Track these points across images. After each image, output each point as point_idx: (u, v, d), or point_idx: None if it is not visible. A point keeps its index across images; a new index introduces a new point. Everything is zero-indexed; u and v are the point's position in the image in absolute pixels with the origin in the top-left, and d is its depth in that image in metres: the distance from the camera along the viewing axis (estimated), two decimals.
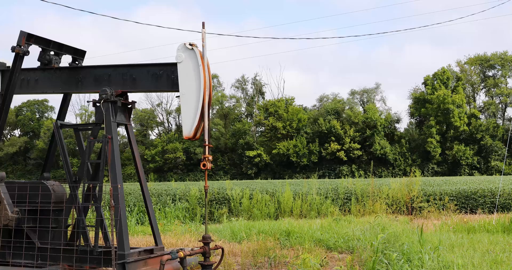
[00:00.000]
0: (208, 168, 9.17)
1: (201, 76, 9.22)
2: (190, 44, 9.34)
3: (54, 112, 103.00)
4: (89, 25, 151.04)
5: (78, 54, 11.20)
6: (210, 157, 9.21)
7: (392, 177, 62.57)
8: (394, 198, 22.85)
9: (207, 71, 9.37)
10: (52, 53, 10.77)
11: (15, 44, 10.07)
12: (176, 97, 9.62)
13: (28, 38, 10.12)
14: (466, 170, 74.37)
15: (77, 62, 11.14)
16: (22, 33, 10.11)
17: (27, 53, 10.21)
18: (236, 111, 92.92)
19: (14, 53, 10.22)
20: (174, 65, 9.57)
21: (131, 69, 10.01)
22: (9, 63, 11.30)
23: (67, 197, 10.31)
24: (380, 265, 9.03)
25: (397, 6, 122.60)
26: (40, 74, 10.79)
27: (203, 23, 9.45)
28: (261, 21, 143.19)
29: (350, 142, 78.49)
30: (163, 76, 9.76)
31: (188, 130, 9.25)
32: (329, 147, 78.36)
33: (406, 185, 23.28)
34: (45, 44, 10.60)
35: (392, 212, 22.00)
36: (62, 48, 10.91)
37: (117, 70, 10.10)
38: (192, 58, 9.33)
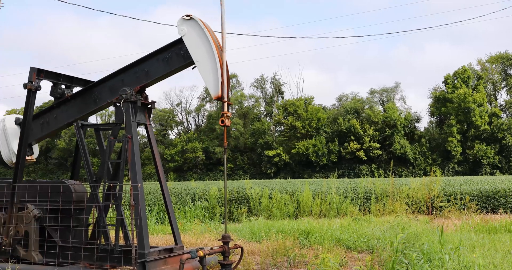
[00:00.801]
0: (227, 124, 9.32)
1: (209, 37, 9.30)
2: (187, 15, 9.44)
3: None
4: (107, 25, 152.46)
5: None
6: (229, 114, 9.35)
7: (412, 176, 62.14)
8: (414, 197, 22.69)
9: (212, 32, 9.46)
10: (63, 86, 10.90)
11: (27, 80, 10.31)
12: (192, 68, 9.68)
13: (38, 73, 10.29)
14: (488, 170, 73.70)
15: None
16: (32, 69, 10.30)
17: (39, 88, 10.36)
18: (255, 111, 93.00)
19: (26, 90, 10.40)
20: (179, 43, 9.64)
21: (141, 64, 10.04)
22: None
23: (88, 196, 10.40)
24: (400, 265, 8.98)
25: (411, 5, 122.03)
26: (57, 111, 10.87)
27: None
28: (277, 21, 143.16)
29: (369, 142, 78.22)
30: (172, 57, 9.81)
31: (215, 89, 9.29)
32: (348, 147, 78.16)
33: (427, 185, 23.10)
34: (55, 77, 10.74)
35: (412, 212, 21.85)
36: (72, 81, 11.04)
37: (128, 72, 10.14)
38: (193, 26, 9.42)
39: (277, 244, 12.48)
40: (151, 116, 10.78)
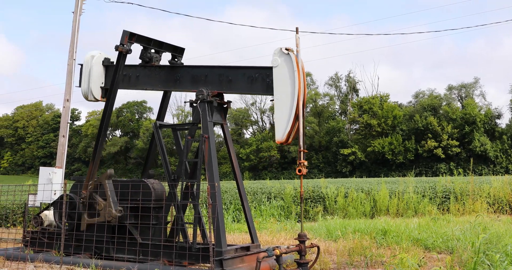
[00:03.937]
0: (304, 173, 9.22)
1: (296, 81, 9.22)
2: (286, 49, 9.37)
3: (153, 113, 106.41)
4: (178, 26, 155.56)
5: (177, 51, 11.57)
6: (306, 163, 9.25)
7: (493, 175, 60.13)
8: (495, 197, 21.97)
9: (302, 76, 9.35)
10: (152, 51, 11.21)
11: (118, 43, 10.62)
12: (270, 100, 9.71)
13: (130, 37, 10.62)
14: None
15: (176, 60, 11.49)
16: (124, 32, 10.59)
17: (129, 51, 10.70)
18: (330, 109, 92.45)
19: (117, 52, 10.75)
20: (269, 69, 9.62)
21: (227, 71, 10.17)
22: (113, 58, 11.82)
23: (166, 195, 10.63)
24: (482, 266, 8.72)
25: None
26: (141, 71, 11.21)
27: (296, 28, 9.45)
28: (348, 18, 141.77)
29: (448, 139, 76.19)
30: (258, 79, 9.83)
31: (280, 135, 9.32)
32: (425, 144, 76.44)
33: (509, 184, 22.34)
34: (146, 42, 11.06)
35: (494, 212, 21.17)
36: (162, 46, 11.33)
37: (213, 71, 10.30)
38: (287, 63, 9.36)
39: (353, 243, 12.37)
40: (227, 115, 10.91)
